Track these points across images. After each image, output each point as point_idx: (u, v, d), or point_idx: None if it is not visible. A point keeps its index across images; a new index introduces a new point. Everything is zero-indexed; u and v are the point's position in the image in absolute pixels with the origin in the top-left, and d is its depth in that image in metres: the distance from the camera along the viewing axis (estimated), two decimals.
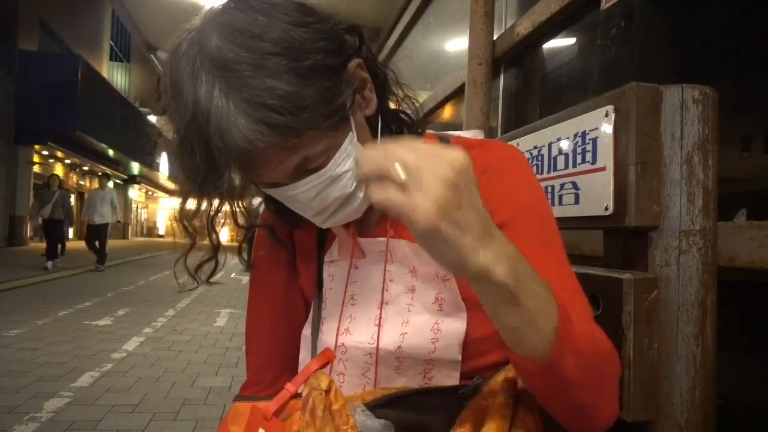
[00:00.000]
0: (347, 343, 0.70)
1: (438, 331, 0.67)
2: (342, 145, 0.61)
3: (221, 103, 0.54)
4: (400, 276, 0.70)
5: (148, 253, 15.63)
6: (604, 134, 0.79)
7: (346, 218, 0.67)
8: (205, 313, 5.92)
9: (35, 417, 2.62)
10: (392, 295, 0.70)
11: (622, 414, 0.71)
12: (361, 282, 0.73)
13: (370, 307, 0.71)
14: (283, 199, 0.66)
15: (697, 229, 0.72)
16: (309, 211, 0.65)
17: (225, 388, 3.25)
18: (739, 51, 1.38)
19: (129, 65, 22.94)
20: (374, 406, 0.63)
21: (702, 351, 0.71)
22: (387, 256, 0.71)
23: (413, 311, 0.69)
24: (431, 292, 0.69)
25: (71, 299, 6.37)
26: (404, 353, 0.67)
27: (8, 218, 13.82)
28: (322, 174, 0.61)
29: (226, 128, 0.55)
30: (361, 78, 0.65)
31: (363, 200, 0.65)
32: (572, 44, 2.00)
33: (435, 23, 4.49)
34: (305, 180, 0.61)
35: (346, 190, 0.63)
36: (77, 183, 20.96)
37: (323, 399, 0.60)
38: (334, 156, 0.61)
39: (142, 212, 32.49)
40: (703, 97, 0.73)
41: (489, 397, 0.63)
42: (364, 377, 0.70)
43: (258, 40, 0.55)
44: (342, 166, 0.62)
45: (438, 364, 0.68)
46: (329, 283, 0.76)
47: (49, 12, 15.07)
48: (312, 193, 0.62)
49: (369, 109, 0.67)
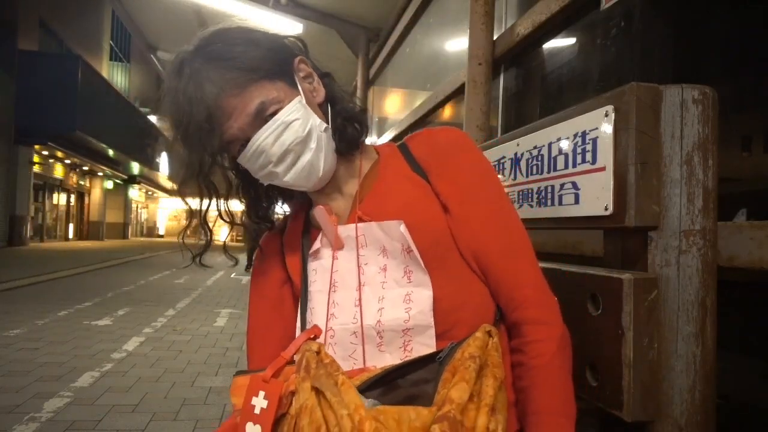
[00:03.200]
0: (334, 327, 0.78)
1: (410, 301, 0.75)
2: (292, 101, 0.78)
3: (197, 69, 0.76)
4: (373, 258, 0.80)
5: (148, 253, 15.64)
6: (604, 134, 0.79)
7: (307, 172, 0.79)
8: (205, 313, 5.92)
9: (35, 417, 2.62)
10: (368, 276, 0.79)
11: (622, 414, 0.71)
12: (341, 271, 0.81)
13: (350, 291, 0.79)
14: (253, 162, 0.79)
15: (697, 229, 0.72)
16: (272, 158, 0.78)
17: (225, 388, 3.25)
18: (739, 51, 1.38)
19: (129, 65, 22.93)
20: (363, 389, 0.67)
21: (702, 351, 0.71)
22: (358, 240, 0.80)
23: (387, 288, 0.77)
24: (401, 267, 0.77)
25: (71, 299, 6.37)
26: (383, 326, 0.75)
27: (8, 218, 13.82)
28: (276, 119, 0.77)
29: (202, 84, 0.75)
30: (306, 71, 0.84)
31: (317, 153, 0.79)
32: (572, 44, 2.00)
33: (435, 23, 4.49)
34: (264, 127, 0.77)
35: (299, 134, 0.78)
36: (77, 183, 20.96)
37: (315, 357, 0.68)
38: (286, 106, 0.78)
39: (142, 212, 32.49)
40: (703, 97, 0.73)
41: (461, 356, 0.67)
42: (351, 358, 0.77)
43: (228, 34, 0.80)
44: (292, 115, 0.77)
45: (415, 333, 0.74)
46: (314, 276, 0.84)
47: (49, 12, 15.07)
48: (270, 139, 0.77)
49: (318, 96, 0.84)
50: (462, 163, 0.81)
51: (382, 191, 0.83)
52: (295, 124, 0.78)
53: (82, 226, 22.07)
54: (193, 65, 0.76)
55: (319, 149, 0.80)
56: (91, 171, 21.09)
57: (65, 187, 19.81)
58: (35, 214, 16.80)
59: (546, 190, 0.96)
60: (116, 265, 11.40)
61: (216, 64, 0.76)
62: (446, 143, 0.83)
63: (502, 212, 0.80)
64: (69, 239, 20.29)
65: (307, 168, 0.79)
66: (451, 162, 0.81)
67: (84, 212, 22.23)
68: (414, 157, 0.84)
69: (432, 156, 0.83)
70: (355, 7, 6.33)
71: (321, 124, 0.80)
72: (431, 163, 0.82)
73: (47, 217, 18.29)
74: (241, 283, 9.09)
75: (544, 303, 0.76)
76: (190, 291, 7.71)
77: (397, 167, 0.84)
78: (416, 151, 0.85)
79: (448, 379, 0.65)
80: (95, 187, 22.75)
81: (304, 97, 0.80)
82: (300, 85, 0.81)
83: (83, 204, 22.16)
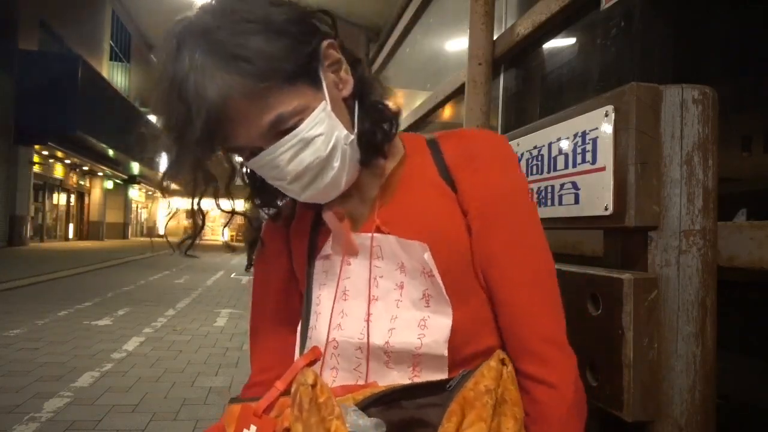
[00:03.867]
0: (339, 338, 0.72)
1: (425, 327, 0.69)
2: (315, 110, 0.65)
3: (200, 62, 0.61)
4: (390, 272, 0.72)
5: (148, 253, 15.63)
6: (604, 134, 0.79)
7: (325, 190, 0.69)
8: (205, 313, 5.92)
9: (35, 417, 2.62)
10: (382, 291, 0.72)
11: (622, 414, 0.71)
12: (352, 278, 0.74)
13: (360, 303, 0.72)
14: (263, 171, 0.69)
15: (697, 229, 0.72)
16: (286, 177, 0.67)
17: (225, 388, 3.25)
18: (739, 51, 1.38)
19: (129, 65, 22.93)
20: (365, 405, 0.64)
21: (702, 351, 0.71)
22: (373, 251, 0.72)
23: (401, 307, 0.70)
24: (419, 288, 0.70)
25: (71, 299, 6.37)
26: (392, 348, 0.69)
27: (8, 218, 13.82)
28: (295, 134, 0.64)
29: (203, 82, 0.60)
30: (334, 58, 0.70)
31: (339, 172, 0.68)
32: (572, 44, 2.00)
33: (435, 23, 4.49)
34: (280, 141, 0.65)
35: (320, 153, 0.66)
36: (77, 183, 20.95)
37: (309, 393, 0.62)
38: (307, 119, 0.65)
39: (142, 212, 32.48)
40: (703, 97, 0.73)
41: (474, 387, 0.64)
42: (356, 371, 0.71)
43: (237, 14, 0.63)
44: (315, 130, 0.65)
45: (425, 359, 0.69)
46: (323, 279, 0.77)
47: (49, 12, 15.07)
48: (287, 156, 0.65)
49: (345, 89, 0.71)
50: (493, 175, 0.71)
51: (405, 199, 0.74)
52: (317, 140, 0.65)
53: (82, 226, 22.07)
54: (194, 56, 0.61)
55: (342, 166, 0.68)
56: (91, 171, 21.09)
57: (65, 187, 19.81)
58: (35, 214, 16.80)
59: (546, 190, 0.96)
60: (116, 265, 11.39)
61: (223, 62, 0.60)
62: (482, 149, 0.73)
63: (528, 238, 0.71)
64: (69, 239, 20.28)
65: (328, 187, 0.69)
66: (482, 171, 0.72)
67: (84, 212, 22.22)
68: (445, 161, 0.74)
69: (464, 162, 0.73)
70: (355, 7, 6.33)
71: (347, 135, 0.68)
72: (463, 170, 0.73)
73: (47, 217, 18.29)
74: (240, 283, 9.08)
75: (558, 363, 0.67)
76: (190, 291, 7.71)
77: (424, 171, 0.75)
78: (449, 154, 0.75)
79: (456, 411, 0.61)
80: (95, 187, 22.75)
81: (329, 101, 0.67)
82: (325, 80, 0.67)
83: (83, 204, 22.15)
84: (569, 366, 0.67)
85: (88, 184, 22.30)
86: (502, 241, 0.70)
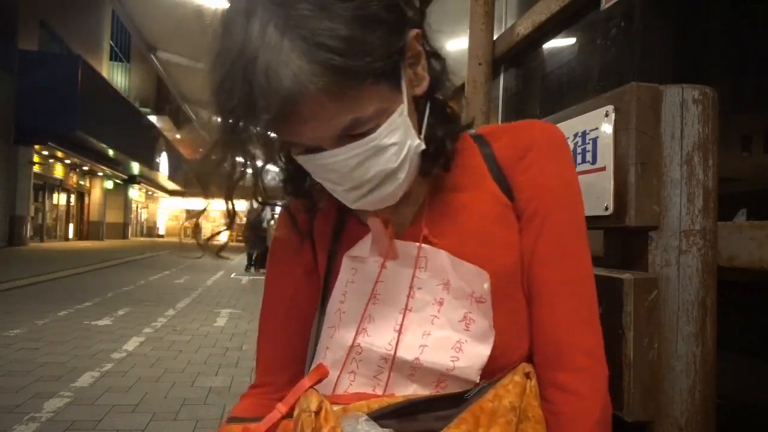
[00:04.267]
0: (363, 344, 0.66)
1: (460, 350, 0.64)
2: (393, 114, 0.57)
3: (275, 40, 0.50)
4: (430, 286, 0.66)
5: (148, 253, 15.63)
6: (604, 134, 0.79)
7: (380, 201, 0.62)
8: (205, 313, 5.92)
9: (35, 417, 2.62)
10: (418, 303, 0.66)
11: (622, 414, 0.71)
12: (387, 283, 0.68)
13: (391, 311, 0.67)
14: (317, 170, 0.60)
15: (697, 229, 0.72)
16: (345, 183, 0.59)
17: (225, 388, 3.25)
18: (739, 51, 1.38)
19: (129, 65, 22.93)
20: (380, 415, 0.61)
21: (702, 351, 0.71)
22: (418, 262, 0.66)
23: (437, 324, 0.65)
24: (460, 310, 0.65)
25: (71, 299, 6.37)
26: (421, 365, 0.64)
27: (8, 218, 13.82)
28: (369, 140, 0.56)
29: (276, 67, 0.50)
30: (416, 51, 0.61)
31: (402, 184, 0.60)
32: (572, 44, 2.00)
33: (435, 23, 4.48)
34: (349, 146, 0.56)
35: (390, 165, 0.58)
36: (77, 183, 20.96)
37: (312, 422, 0.57)
38: (384, 123, 0.56)
39: (142, 212, 32.47)
40: (703, 97, 0.73)
41: (495, 400, 0.62)
42: (376, 379, 0.66)
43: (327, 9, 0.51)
44: (390, 138, 0.57)
45: (452, 380, 0.65)
46: (351, 277, 0.70)
47: (49, 12, 15.08)
48: (353, 162, 0.57)
49: (420, 87, 0.63)
50: (547, 169, 0.66)
51: (456, 207, 0.68)
52: (390, 150, 0.57)
53: (82, 226, 22.07)
54: (267, 29, 0.50)
55: (406, 178, 0.60)
56: (91, 171, 21.09)
57: (65, 187, 19.81)
58: (35, 214, 16.81)
59: None
60: (116, 265, 11.39)
61: (302, 47, 0.49)
62: (535, 140, 0.67)
63: (576, 241, 0.66)
64: (69, 239, 20.29)
65: (385, 198, 0.61)
66: (536, 164, 0.66)
67: (84, 212, 22.23)
68: (497, 161, 0.68)
69: (518, 157, 0.67)
70: None
71: (419, 144, 0.60)
72: (516, 167, 0.67)
73: (47, 217, 18.30)
74: (240, 283, 9.08)
75: (592, 374, 0.63)
76: (190, 291, 7.71)
77: (474, 173, 0.68)
78: (500, 152, 0.68)
79: (467, 419, 0.59)
80: (95, 187, 22.76)
81: (407, 104, 0.59)
82: (404, 78, 0.58)
83: (83, 204, 22.16)
84: (602, 380, 0.63)
85: (88, 184, 22.31)
86: (551, 242, 0.65)
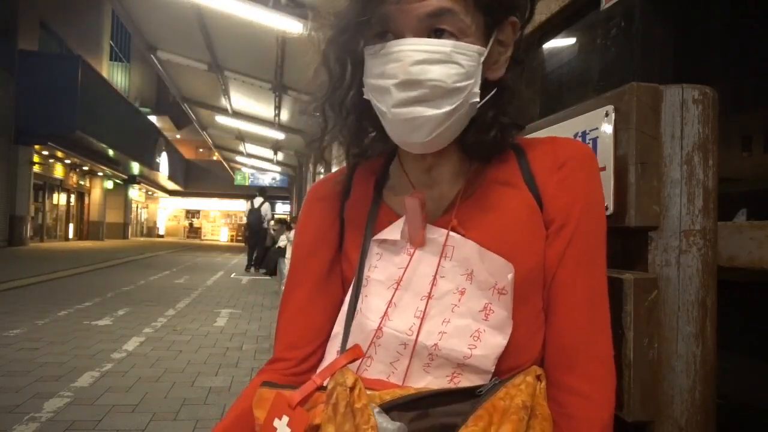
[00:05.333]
0: (384, 328, 0.68)
1: (478, 339, 0.65)
2: (473, 45, 0.63)
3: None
4: (454, 275, 0.68)
5: (148, 253, 15.63)
6: (604, 134, 0.79)
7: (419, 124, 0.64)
8: (205, 313, 5.92)
9: (35, 417, 2.62)
10: (440, 291, 0.68)
11: (622, 414, 0.71)
12: (411, 269, 0.70)
13: (415, 297, 0.68)
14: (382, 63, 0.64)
15: (697, 229, 0.72)
16: (399, 76, 0.62)
17: (225, 388, 3.25)
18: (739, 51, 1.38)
19: (129, 65, 22.94)
20: (392, 407, 0.62)
21: (702, 351, 0.71)
22: (445, 250, 0.68)
23: (456, 313, 0.67)
24: (481, 300, 0.67)
25: (71, 299, 6.37)
26: (440, 351, 0.65)
27: (8, 218, 13.82)
28: (445, 43, 0.62)
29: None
30: (508, 39, 0.68)
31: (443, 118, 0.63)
32: (572, 44, 2.00)
33: None
34: (426, 39, 0.62)
35: (448, 80, 0.62)
36: (77, 183, 20.95)
37: (347, 395, 0.60)
38: (464, 41, 0.63)
39: (142, 212, 32.48)
40: (703, 97, 0.73)
41: (506, 398, 0.62)
42: (392, 366, 0.67)
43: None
44: (461, 58, 0.62)
45: (468, 370, 0.66)
46: (376, 261, 0.72)
47: (49, 12, 15.08)
48: (419, 57, 0.61)
49: (493, 73, 0.68)
50: (580, 183, 0.69)
51: (486, 201, 0.71)
52: (455, 68, 0.62)
53: (82, 226, 22.06)
54: None
55: (447, 117, 0.63)
56: (91, 171, 21.09)
57: (65, 187, 19.80)
58: (35, 214, 16.80)
59: None
60: (116, 265, 11.39)
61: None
62: (571, 156, 0.70)
63: (598, 256, 0.69)
64: (69, 239, 20.28)
65: (422, 126, 0.64)
66: (570, 178, 0.69)
67: (84, 212, 22.23)
68: (531, 169, 0.71)
69: (553, 169, 0.70)
70: None
71: (476, 93, 0.64)
72: (550, 177, 0.70)
73: (47, 217, 18.29)
74: (240, 283, 9.08)
75: (604, 382, 0.65)
76: (190, 291, 7.71)
77: (509, 175, 0.72)
78: (536, 162, 0.71)
79: (483, 416, 0.60)
80: (95, 187, 22.75)
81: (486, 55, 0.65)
82: (491, 44, 0.65)
83: (83, 204, 22.15)
84: (613, 388, 0.66)
85: (88, 184, 22.30)
86: (579, 252, 0.67)
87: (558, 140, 0.73)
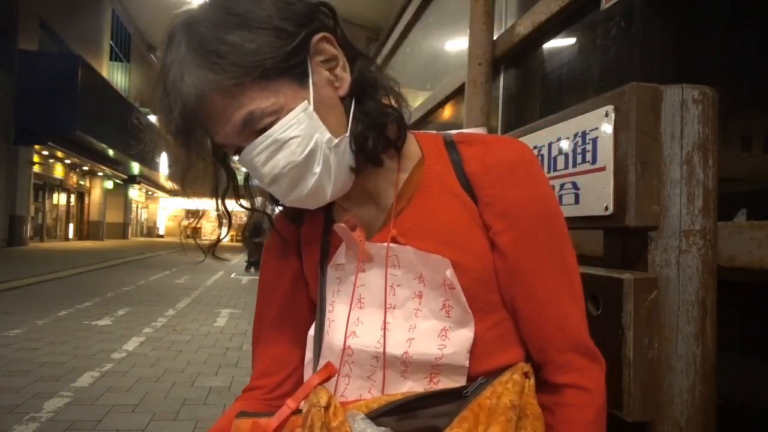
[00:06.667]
0: (354, 345, 0.69)
1: (446, 338, 0.67)
2: (293, 110, 0.62)
3: (181, 56, 0.61)
4: (408, 281, 0.69)
5: (148, 253, 15.63)
6: (604, 134, 0.79)
7: (310, 198, 0.66)
8: (205, 313, 5.92)
9: (35, 417, 2.62)
10: (399, 300, 0.69)
11: (622, 414, 0.71)
12: (367, 286, 0.72)
13: (376, 311, 0.70)
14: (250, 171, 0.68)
15: (697, 229, 0.72)
16: (264, 179, 0.65)
17: (225, 388, 3.25)
18: (739, 51, 1.38)
19: (129, 65, 22.94)
20: (378, 414, 0.63)
21: (702, 351, 0.71)
22: (388, 260, 0.69)
23: (420, 316, 0.68)
24: (439, 299, 0.68)
25: (71, 299, 6.37)
26: (411, 358, 0.67)
27: (8, 218, 13.82)
28: (268, 135, 0.62)
29: (180, 77, 0.60)
30: (330, 53, 0.66)
31: (322, 178, 0.64)
32: (572, 44, 2.00)
33: (435, 23, 4.49)
34: (255, 141, 0.63)
35: (294, 158, 0.63)
36: (77, 183, 20.95)
37: (322, 416, 0.60)
38: (283, 119, 0.62)
39: (142, 212, 32.48)
40: (703, 97, 0.73)
41: (493, 397, 0.63)
42: (370, 380, 0.69)
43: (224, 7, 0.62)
44: (289, 131, 0.62)
45: (445, 369, 0.67)
46: (337, 286, 0.75)
47: (49, 12, 15.07)
48: (262, 158, 0.63)
49: (341, 88, 0.67)
50: (520, 195, 0.68)
51: (423, 207, 0.70)
52: (292, 143, 0.62)
53: (82, 226, 22.07)
54: (179, 48, 0.61)
55: (326, 172, 0.64)
56: (91, 171, 21.09)
57: (65, 187, 19.81)
58: (35, 214, 16.81)
59: None
60: (116, 265, 11.39)
61: (199, 57, 0.60)
62: (504, 163, 0.68)
63: (560, 258, 0.68)
64: (69, 239, 20.29)
65: (310, 194, 0.66)
66: (506, 189, 0.68)
67: (84, 212, 22.23)
68: (464, 169, 0.70)
69: (486, 176, 0.69)
70: (355, 7, 6.33)
71: (330, 139, 0.64)
72: (483, 184, 0.69)
73: (47, 217, 18.30)
74: (241, 283, 9.08)
75: (592, 370, 0.67)
76: (190, 291, 7.71)
77: (442, 178, 0.71)
78: (469, 162, 0.70)
79: (468, 417, 0.61)
80: (95, 187, 22.75)
81: (315, 101, 0.63)
82: (316, 78, 0.64)
83: (83, 204, 22.15)
84: (601, 373, 0.67)
85: (88, 184, 22.31)
86: (533, 269, 0.67)
87: (489, 143, 0.72)
